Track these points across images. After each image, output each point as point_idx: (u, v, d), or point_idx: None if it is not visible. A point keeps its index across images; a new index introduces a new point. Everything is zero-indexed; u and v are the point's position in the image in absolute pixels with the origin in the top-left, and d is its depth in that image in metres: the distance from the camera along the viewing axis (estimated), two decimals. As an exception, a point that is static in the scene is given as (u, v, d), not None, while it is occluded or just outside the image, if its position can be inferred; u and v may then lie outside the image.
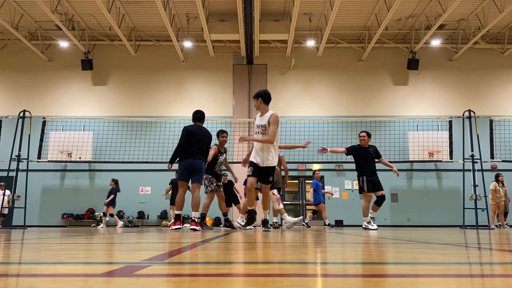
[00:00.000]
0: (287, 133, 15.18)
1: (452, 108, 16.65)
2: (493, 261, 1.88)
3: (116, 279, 1.25)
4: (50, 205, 16.22)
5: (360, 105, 17.09)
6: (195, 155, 7.09)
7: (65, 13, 15.41)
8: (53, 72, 17.54)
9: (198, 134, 7.23)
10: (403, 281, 1.24)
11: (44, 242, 3.72)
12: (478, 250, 2.57)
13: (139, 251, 2.55)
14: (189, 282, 1.23)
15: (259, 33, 15.58)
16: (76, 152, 15.66)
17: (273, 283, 1.17)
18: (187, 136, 7.15)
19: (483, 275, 1.41)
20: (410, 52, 17.43)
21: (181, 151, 7.11)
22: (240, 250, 2.60)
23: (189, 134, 7.18)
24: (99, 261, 1.92)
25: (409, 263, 1.83)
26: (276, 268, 1.60)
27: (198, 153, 7.13)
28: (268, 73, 17.45)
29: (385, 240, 3.99)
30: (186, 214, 16.19)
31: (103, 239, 4.22)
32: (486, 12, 15.01)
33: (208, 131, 7.51)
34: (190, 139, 7.14)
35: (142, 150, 14.92)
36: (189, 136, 7.16)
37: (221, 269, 1.58)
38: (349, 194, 16.70)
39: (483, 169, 10.75)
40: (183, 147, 7.10)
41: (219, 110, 17.02)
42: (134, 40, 17.34)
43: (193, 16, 15.89)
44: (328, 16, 14.57)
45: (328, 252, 2.40)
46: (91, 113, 16.84)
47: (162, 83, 17.43)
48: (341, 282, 1.21)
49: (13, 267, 1.69)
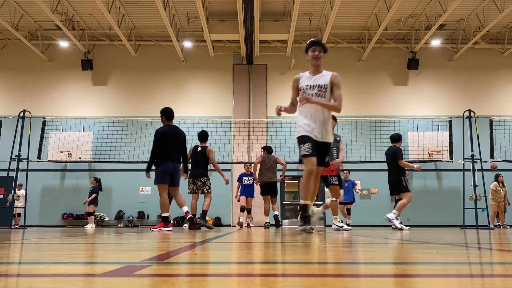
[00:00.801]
0: (287, 133, 15.18)
1: (452, 108, 16.65)
2: (493, 261, 1.88)
3: (116, 279, 1.25)
4: (50, 205, 16.22)
5: (360, 105, 17.08)
6: (173, 160, 7.10)
7: (65, 13, 15.41)
8: (53, 72, 17.54)
9: (173, 137, 7.15)
10: (403, 281, 1.24)
11: (44, 242, 3.72)
12: (478, 250, 2.57)
13: (139, 251, 2.55)
14: (189, 282, 1.23)
15: (259, 33, 15.58)
16: (76, 152, 15.66)
17: (273, 283, 1.17)
18: (161, 141, 7.06)
19: (483, 275, 1.41)
20: (410, 52, 17.43)
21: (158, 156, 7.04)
22: (240, 250, 2.60)
23: (164, 138, 7.09)
24: (99, 261, 1.92)
25: (409, 263, 1.83)
26: (276, 268, 1.60)
27: (175, 158, 7.13)
28: (268, 73, 17.45)
29: (385, 240, 3.99)
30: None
31: (103, 239, 4.22)
32: (486, 12, 15.01)
33: (181, 131, 7.44)
34: (166, 143, 7.06)
35: (142, 150, 14.90)
36: (163, 141, 7.06)
37: (221, 269, 1.58)
38: (349, 194, 16.69)
39: (483, 169, 10.75)
40: (158, 153, 7.03)
41: (219, 110, 17.03)
42: (134, 40, 17.34)
43: (193, 16, 15.89)
44: (328, 16, 14.57)
45: (328, 252, 2.40)
46: (91, 113, 16.84)
47: (162, 83, 17.44)
48: (341, 282, 1.22)
49: (13, 267, 1.69)
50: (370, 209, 16.50)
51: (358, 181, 16.84)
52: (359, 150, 14.98)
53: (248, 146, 16.39)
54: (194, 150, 8.55)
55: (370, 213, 16.34)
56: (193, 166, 8.40)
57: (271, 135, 15.70)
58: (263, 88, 17.18)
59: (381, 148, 14.57)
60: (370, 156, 14.46)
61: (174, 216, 16.49)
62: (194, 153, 8.50)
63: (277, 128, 15.87)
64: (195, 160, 8.44)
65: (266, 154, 10.17)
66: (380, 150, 14.76)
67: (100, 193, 13.20)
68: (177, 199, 7.24)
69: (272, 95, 17.18)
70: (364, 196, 16.79)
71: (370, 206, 16.55)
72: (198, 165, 8.41)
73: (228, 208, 16.44)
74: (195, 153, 8.49)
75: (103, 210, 15.86)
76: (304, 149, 4.67)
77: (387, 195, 16.86)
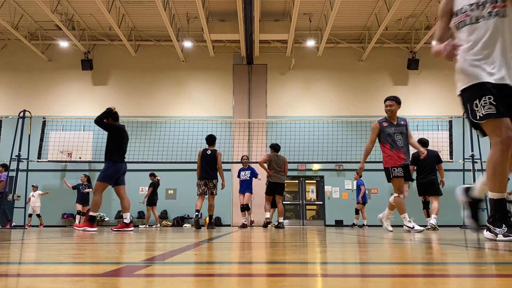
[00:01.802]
0: (287, 133, 15.20)
1: (452, 108, 16.64)
2: (493, 261, 1.88)
3: (116, 279, 1.26)
4: (50, 205, 16.21)
5: (360, 105, 17.09)
6: (123, 159, 7.17)
7: (65, 13, 15.42)
8: (53, 72, 17.55)
9: (126, 137, 7.29)
10: (404, 281, 1.24)
11: (44, 242, 3.72)
12: (478, 250, 2.57)
13: (139, 251, 2.55)
14: (189, 282, 1.23)
15: (259, 33, 15.59)
16: (76, 152, 15.67)
17: (273, 283, 1.17)
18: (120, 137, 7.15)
19: (483, 275, 1.41)
20: (410, 52, 17.44)
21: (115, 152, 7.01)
22: (240, 250, 2.60)
23: (122, 137, 7.17)
24: (99, 261, 1.92)
25: (409, 263, 1.83)
26: (276, 268, 1.60)
27: (124, 157, 7.22)
28: (268, 73, 17.45)
29: (385, 240, 4.00)
30: (186, 214, 16.21)
31: (103, 239, 4.23)
32: (486, 12, 15.00)
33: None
34: (122, 141, 7.14)
35: (142, 150, 14.92)
36: (120, 139, 7.14)
37: (221, 269, 1.58)
38: (349, 194, 16.71)
39: (483, 169, 10.74)
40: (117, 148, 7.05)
41: (219, 110, 17.04)
42: (134, 40, 17.34)
43: (193, 16, 15.89)
44: (328, 16, 14.57)
45: (328, 252, 2.40)
46: (91, 113, 16.79)
47: (162, 83, 17.45)
48: (341, 282, 1.21)
49: (13, 267, 1.69)
50: (370, 209, 16.49)
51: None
52: (359, 150, 14.98)
53: (248, 146, 16.40)
54: (204, 153, 8.77)
55: (370, 213, 16.34)
56: (205, 169, 8.67)
57: (271, 135, 15.70)
58: (263, 88, 17.19)
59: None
60: (370, 156, 14.41)
61: (174, 216, 16.50)
62: (204, 156, 8.73)
63: (277, 128, 15.88)
64: (206, 163, 8.68)
65: (274, 153, 9.74)
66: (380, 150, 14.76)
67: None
68: (124, 201, 7.12)
69: (272, 95, 17.19)
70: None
71: (370, 206, 16.54)
72: (210, 167, 8.69)
73: (228, 208, 16.44)
74: (205, 156, 8.73)
75: (103, 210, 15.86)
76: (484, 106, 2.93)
77: (387, 195, 16.89)
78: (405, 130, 6.34)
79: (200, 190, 8.67)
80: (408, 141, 6.41)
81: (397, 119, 6.37)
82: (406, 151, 6.34)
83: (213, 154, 8.76)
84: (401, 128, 6.31)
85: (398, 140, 6.29)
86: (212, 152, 8.79)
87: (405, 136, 6.33)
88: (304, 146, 14.88)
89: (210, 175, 8.65)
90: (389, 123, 6.35)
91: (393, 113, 6.33)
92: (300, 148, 14.85)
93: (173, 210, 16.48)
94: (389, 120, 6.38)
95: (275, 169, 9.52)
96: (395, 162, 6.28)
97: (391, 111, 6.32)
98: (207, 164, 8.68)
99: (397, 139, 6.28)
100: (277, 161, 9.57)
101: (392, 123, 6.35)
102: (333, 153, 14.85)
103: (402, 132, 6.30)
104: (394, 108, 6.32)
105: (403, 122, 6.41)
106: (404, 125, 6.36)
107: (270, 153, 9.85)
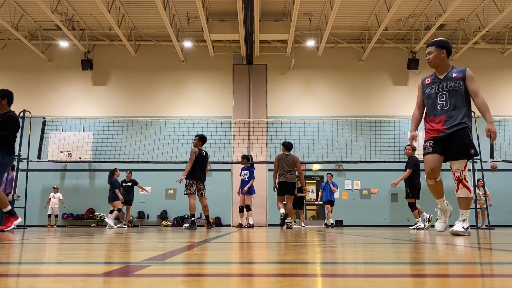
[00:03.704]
0: (287, 133, 15.17)
1: (452, 108, 16.65)
2: (493, 261, 1.88)
3: (116, 279, 1.26)
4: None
5: (360, 105, 17.09)
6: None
7: (65, 13, 15.42)
8: (53, 72, 17.55)
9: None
10: (404, 281, 1.24)
11: (44, 242, 3.72)
12: (478, 250, 2.57)
13: (139, 251, 2.55)
14: (188, 282, 1.23)
15: (259, 33, 15.59)
16: (76, 152, 15.67)
17: (273, 283, 1.17)
18: (16, 128, 6.57)
19: (483, 275, 1.41)
20: (410, 52, 17.44)
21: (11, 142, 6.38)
22: (239, 250, 2.60)
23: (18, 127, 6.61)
24: (99, 261, 1.92)
25: (409, 263, 1.83)
26: (276, 268, 1.60)
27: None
28: (268, 73, 17.46)
29: (385, 240, 4.00)
30: (186, 214, 16.21)
31: (103, 239, 4.23)
32: (486, 12, 15.01)
33: None
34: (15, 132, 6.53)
35: (142, 150, 14.92)
36: (16, 129, 6.59)
37: (221, 269, 1.58)
38: (349, 194, 16.72)
39: (483, 169, 10.75)
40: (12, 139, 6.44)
41: (219, 110, 17.04)
42: (134, 40, 17.35)
43: (193, 16, 15.90)
44: (328, 16, 14.57)
45: (328, 252, 2.40)
46: (91, 113, 16.85)
47: (162, 83, 17.45)
48: (342, 282, 1.22)
49: (13, 267, 1.69)
50: (370, 209, 16.50)
51: (358, 181, 16.85)
52: (359, 150, 14.99)
53: (248, 146, 16.39)
54: (200, 153, 8.51)
55: (370, 213, 16.35)
56: (200, 169, 8.45)
57: (271, 135, 15.70)
58: (263, 88, 17.19)
59: (381, 148, 14.59)
60: (370, 156, 14.45)
61: (174, 216, 16.50)
62: (200, 157, 8.49)
63: (277, 128, 15.88)
64: (201, 164, 8.48)
65: (284, 152, 9.13)
66: (380, 150, 14.78)
67: (100, 193, 13.21)
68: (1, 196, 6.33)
69: (272, 95, 17.19)
70: (364, 196, 16.80)
71: (370, 206, 16.56)
72: (203, 169, 8.54)
73: (228, 208, 16.45)
74: (201, 157, 8.50)
75: (103, 210, 15.86)
76: None
77: (387, 195, 16.92)
78: (459, 85, 4.42)
79: (191, 190, 8.34)
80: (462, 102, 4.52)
81: (450, 69, 4.52)
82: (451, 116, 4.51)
83: (207, 155, 8.69)
84: (450, 84, 4.42)
85: (441, 103, 4.48)
86: (206, 153, 8.68)
87: (459, 94, 4.45)
88: (304, 146, 14.87)
89: (204, 176, 8.50)
90: (433, 78, 4.56)
91: (436, 63, 4.50)
92: (300, 148, 14.83)
93: (173, 210, 16.48)
94: (435, 74, 4.57)
95: (284, 170, 8.93)
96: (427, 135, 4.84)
97: (430, 60, 4.55)
98: (202, 165, 8.49)
99: (440, 100, 4.47)
100: (286, 160, 8.96)
101: (437, 78, 4.53)
102: (333, 153, 14.85)
103: (452, 89, 4.42)
104: (435, 55, 4.50)
105: (457, 74, 4.45)
106: (458, 78, 4.42)
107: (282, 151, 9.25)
